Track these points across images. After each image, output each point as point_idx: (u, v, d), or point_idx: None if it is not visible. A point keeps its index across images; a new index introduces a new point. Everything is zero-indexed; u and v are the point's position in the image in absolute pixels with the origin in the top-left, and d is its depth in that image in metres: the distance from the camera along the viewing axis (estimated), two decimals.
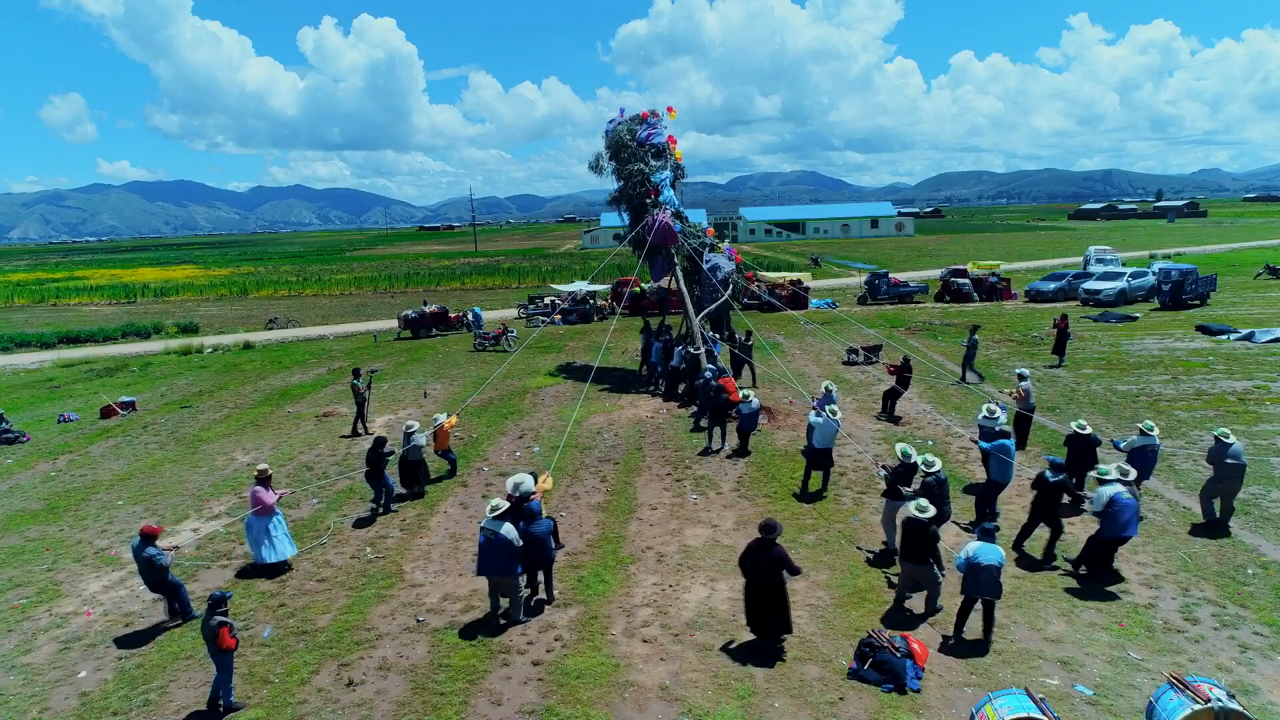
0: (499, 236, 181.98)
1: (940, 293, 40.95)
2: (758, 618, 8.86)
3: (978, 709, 7.05)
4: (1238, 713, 6.54)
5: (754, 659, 8.76)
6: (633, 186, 23.14)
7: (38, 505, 14.80)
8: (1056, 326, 23.43)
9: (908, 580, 9.74)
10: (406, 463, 14.08)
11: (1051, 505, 10.76)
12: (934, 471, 10.73)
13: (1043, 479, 10.77)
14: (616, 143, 23.59)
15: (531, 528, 9.94)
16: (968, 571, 8.80)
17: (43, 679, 8.96)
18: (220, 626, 8.01)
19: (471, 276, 64.93)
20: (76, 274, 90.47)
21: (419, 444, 14.13)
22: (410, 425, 14.34)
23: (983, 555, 8.71)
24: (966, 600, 8.99)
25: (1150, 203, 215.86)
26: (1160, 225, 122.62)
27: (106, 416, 21.56)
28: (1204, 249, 68.80)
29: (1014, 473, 12.15)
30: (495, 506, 9.70)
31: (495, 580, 9.66)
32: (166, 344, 35.51)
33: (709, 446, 16.42)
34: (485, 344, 30.82)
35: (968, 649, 8.85)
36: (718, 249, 23.82)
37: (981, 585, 8.74)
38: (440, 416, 15.36)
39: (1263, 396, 18.63)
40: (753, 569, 8.80)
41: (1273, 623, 9.09)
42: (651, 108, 24.02)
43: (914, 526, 9.47)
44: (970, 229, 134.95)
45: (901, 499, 10.91)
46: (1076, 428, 12.67)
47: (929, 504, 9.59)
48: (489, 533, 9.48)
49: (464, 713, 8.05)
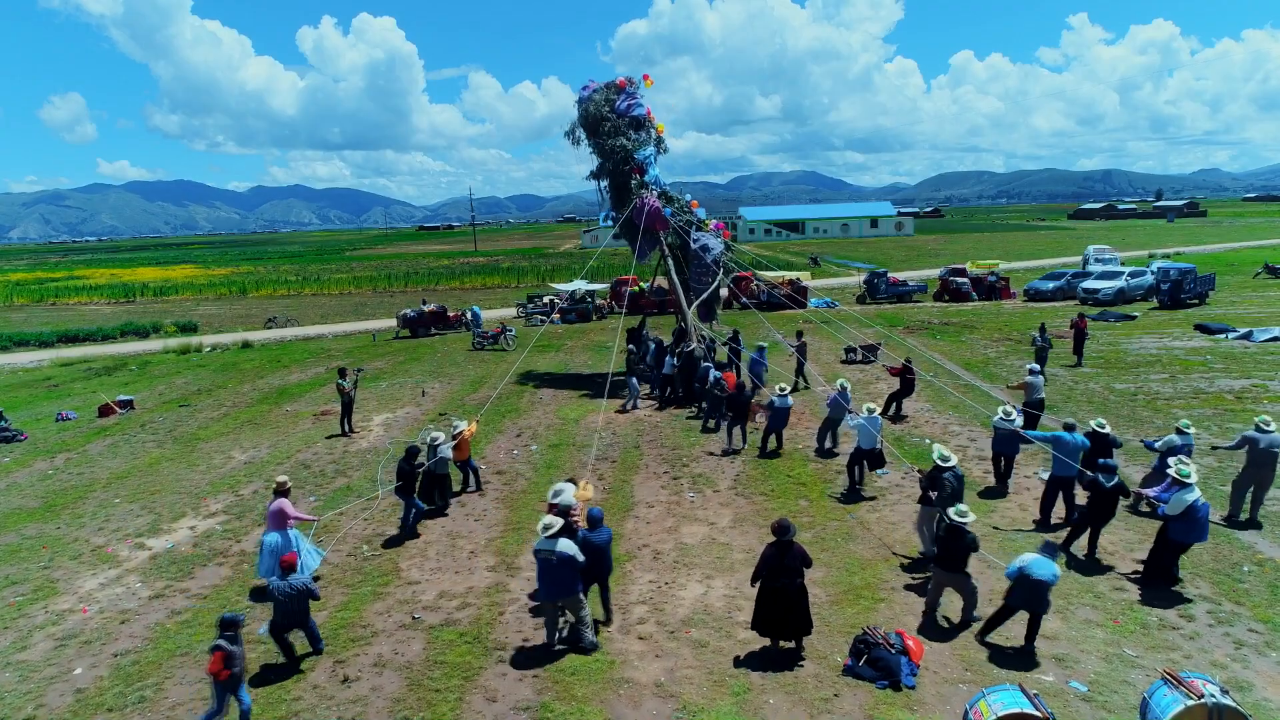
0: (499, 236, 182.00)
1: (939, 292, 40.99)
2: (777, 621, 8.55)
3: (972, 705, 7.06)
4: (1231, 709, 6.54)
5: (750, 656, 8.76)
6: (615, 164, 21.80)
7: (35, 503, 14.80)
8: (1075, 327, 23.18)
9: (940, 589, 9.29)
10: (430, 475, 13.26)
11: (1108, 510, 10.43)
12: (950, 466, 10.40)
13: (1097, 483, 10.38)
14: (594, 115, 21.84)
15: (592, 535, 9.30)
16: (1017, 581, 8.41)
17: (38, 676, 8.96)
18: (213, 650, 7.43)
19: (471, 276, 64.95)
20: (76, 273, 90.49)
21: (445, 456, 13.35)
22: (435, 436, 13.53)
23: (1036, 568, 8.30)
24: (1007, 608, 8.63)
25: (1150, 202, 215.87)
26: (1160, 225, 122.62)
27: (104, 415, 21.56)
28: (1203, 249, 68.80)
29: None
30: (548, 525, 8.90)
31: (557, 604, 8.95)
32: (165, 343, 35.53)
33: (729, 447, 16.18)
34: (484, 343, 30.83)
35: (963, 645, 8.86)
36: (704, 226, 22.32)
37: (1029, 599, 8.38)
38: (460, 424, 14.42)
39: (1260, 395, 18.64)
40: (776, 572, 8.49)
41: (1267, 619, 9.10)
42: (627, 75, 22.46)
43: (953, 532, 8.98)
44: (970, 229, 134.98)
45: (934, 504, 10.47)
46: (1096, 426, 12.48)
47: (968, 509, 9.13)
48: (546, 553, 8.74)
49: (459, 709, 8.05)
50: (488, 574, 11.10)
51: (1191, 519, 9.63)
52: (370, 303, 51.87)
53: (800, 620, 8.57)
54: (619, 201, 22.30)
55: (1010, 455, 13.36)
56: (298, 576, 8.74)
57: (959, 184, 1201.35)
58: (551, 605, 9.00)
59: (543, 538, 8.85)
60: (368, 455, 16.91)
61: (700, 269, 21.30)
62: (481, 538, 12.39)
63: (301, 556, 10.25)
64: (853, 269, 60.49)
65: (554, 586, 8.83)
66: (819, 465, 15.21)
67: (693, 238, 21.33)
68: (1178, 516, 9.68)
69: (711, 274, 21.39)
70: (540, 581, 8.95)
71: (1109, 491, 10.36)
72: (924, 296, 41.19)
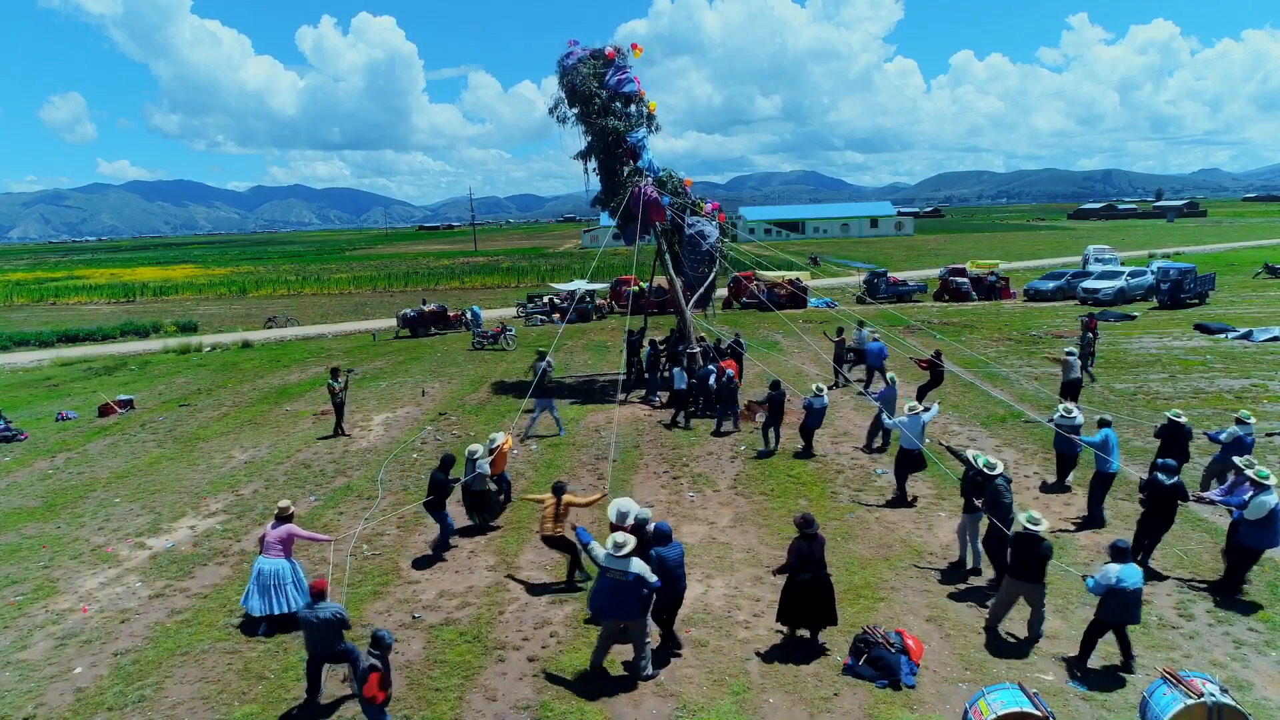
0: (499, 236, 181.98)
1: (939, 292, 41.00)
2: (807, 612, 8.64)
3: (971, 704, 7.06)
4: (1231, 708, 6.55)
5: (751, 655, 8.77)
6: (605, 146, 20.37)
7: (35, 503, 14.80)
8: (1085, 327, 23.30)
9: (1012, 600, 8.88)
10: (471, 491, 12.39)
11: (1169, 512, 10.04)
12: (998, 473, 9.93)
13: (1156, 484, 9.96)
14: (584, 92, 20.09)
15: (665, 552, 8.56)
16: (1107, 596, 8.00)
17: (38, 675, 8.95)
18: (369, 671, 7.05)
19: (471, 276, 64.95)
20: (76, 273, 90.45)
21: (484, 471, 12.42)
22: (474, 450, 12.47)
23: (1127, 577, 7.92)
24: (1099, 624, 8.19)
25: (1150, 202, 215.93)
26: (1160, 225, 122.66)
27: (104, 415, 21.56)
28: (1203, 248, 68.82)
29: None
30: (620, 544, 8.20)
31: (616, 624, 8.33)
32: (165, 343, 35.52)
33: (766, 448, 15.92)
34: (484, 343, 30.83)
35: (963, 643, 8.85)
36: (699, 208, 20.80)
37: (1123, 610, 8.01)
38: (497, 436, 13.37)
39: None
40: (807, 564, 8.49)
41: (1267, 619, 9.10)
42: (613, 44, 20.48)
43: (1027, 541, 8.52)
44: (970, 229, 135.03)
45: (978, 511, 10.13)
46: (1172, 416, 12.30)
47: (1040, 516, 8.67)
48: (617, 574, 8.09)
49: (459, 709, 8.05)
50: (488, 573, 11.10)
51: (1271, 524, 9.18)
52: (370, 302, 51.87)
53: (829, 610, 8.70)
54: (609, 186, 20.89)
55: (1071, 453, 13.17)
56: (326, 605, 7.92)
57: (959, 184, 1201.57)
58: (615, 624, 8.33)
59: (613, 555, 8.15)
60: (368, 455, 16.91)
61: (696, 258, 20.09)
62: (481, 537, 12.39)
63: (296, 590, 9.64)
64: (853, 269, 60.48)
65: (621, 607, 8.14)
66: (819, 465, 15.20)
67: (688, 223, 20.07)
68: (1256, 522, 9.19)
69: (707, 263, 20.22)
70: (603, 599, 8.24)
71: (1167, 491, 9.91)
72: (924, 296, 41.20)
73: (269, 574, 9.58)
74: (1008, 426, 17.20)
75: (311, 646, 7.96)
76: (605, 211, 21.87)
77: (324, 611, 7.81)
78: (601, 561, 8.23)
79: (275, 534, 9.75)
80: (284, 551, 9.77)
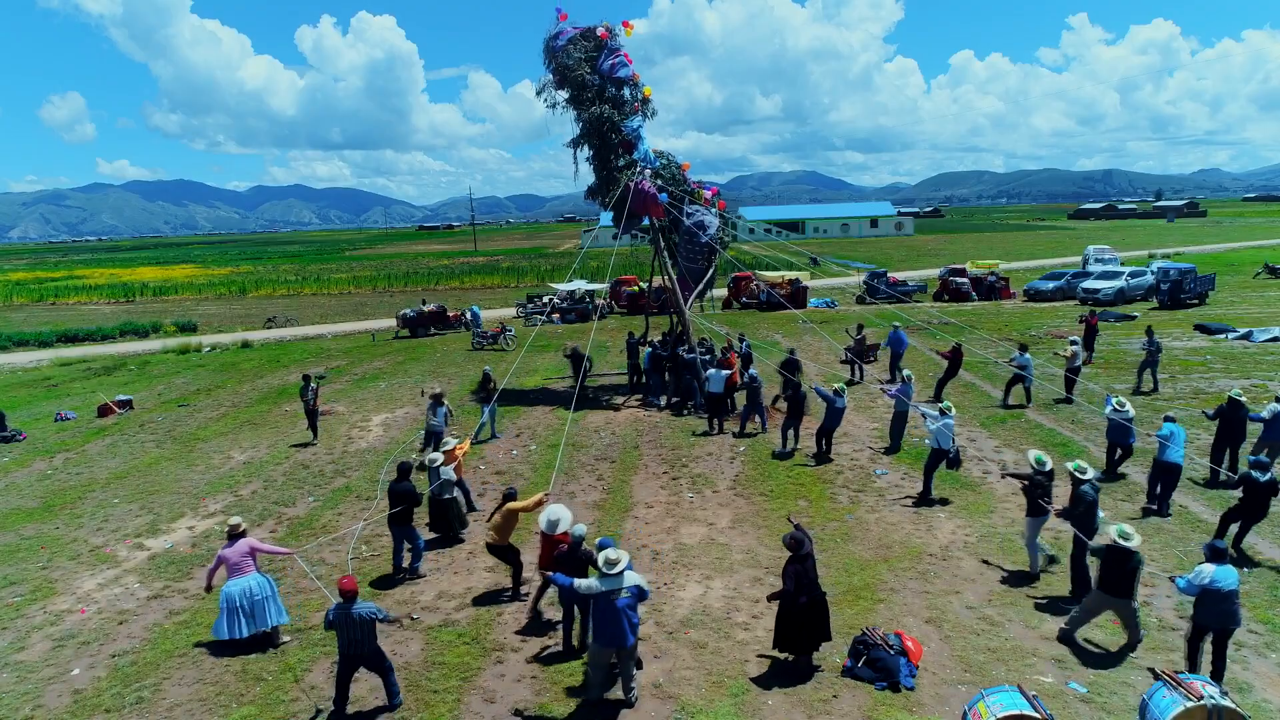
0: (499, 236, 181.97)
1: (939, 292, 41.00)
2: (805, 636, 8.32)
3: (970, 706, 7.04)
4: (1231, 710, 6.53)
5: (749, 658, 8.75)
6: (599, 136, 19.48)
7: (34, 503, 14.79)
8: (1086, 324, 23.56)
9: (1096, 613, 8.72)
10: (437, 502, 11.96)
11: (1260, 507, 10.07)
12: (1089, 479, 9.57)
13: (1250, 479, 10.01)
14: (576, 78, 19.22)
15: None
16: (1202, 599, 7.76)
17: (36, 676, 8.94)
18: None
19: (471, 276, 64.96)
20: (75, 273, 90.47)
21: (449, 478, 11.94)
22: (434, 458, 12.09)
23: (1222, 579, 7.68)
24: (1199, 630, 7.94)
25: (1150, 202, 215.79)
26: (1160, 225, 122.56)
27: (103, 415, 21.55)
28: (1203, 248, 68.77)
29: None
30: (612, 561, 7.74)
31: (608, 654, 7.86)
32: (164, 343, 35.54)
33: (784, 449, 15.87)
34: (483, 343, 30.83)
35: (962, 645, 8.83)
36: (698, 196, 19.99)
37: (1223, 614, 7.76)
38: (450, 440, 13.15)
39: (1260, 395, 18.60)
40: (805, 586, 8.27)
41: (1267, 620, 9.09)
42: (604, 23, 19.52)
43: (1120, 556, 8.28)
44: (970, 229, 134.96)
45: (1043, 514, 9.97)
46: (1234, 395, 12.38)
47: (1132, 531, 8.38)
48: (618, 593, 7.68)
49: (457, 710, 8.03)
50: (486, 574, 11.08)
51: None
52: (370, 302, 51.86)
53: (825, 629, 8.48)
54: (603, 177, 20.05)
55: (1125, 445, 13.44)
56: (362, 604, 7.73)
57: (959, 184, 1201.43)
58: (608, 654, 7.86)
59: (607, 575, 7.71)
60: (367, 456, 16.90)
61: (694, 249, 19.33)
62: (480, 538, 12.36)
63: (269, 604, 9.26)
64: (853, 269, 60.45)
65: (619, 630, 7.67)
66: (819, 466, 15.17)
67: (686, 212, 19.26)
68: None
69: (706, 255, 19.57)
70: (602, 624, 7.71)
71: (1263, 488, 9.94)
72: (924, 296, 41.19)
73: (240, 594, 9.11)
74: (1008, 427, 17.18)
75: (345, 647, 7.76)
76: (596, 203, 21.33)
77: (362, 609, 7.70)
78: (599, 588, 7.71)
79: (236, 550, 9.31)
80: (254, 565, 9.40)
